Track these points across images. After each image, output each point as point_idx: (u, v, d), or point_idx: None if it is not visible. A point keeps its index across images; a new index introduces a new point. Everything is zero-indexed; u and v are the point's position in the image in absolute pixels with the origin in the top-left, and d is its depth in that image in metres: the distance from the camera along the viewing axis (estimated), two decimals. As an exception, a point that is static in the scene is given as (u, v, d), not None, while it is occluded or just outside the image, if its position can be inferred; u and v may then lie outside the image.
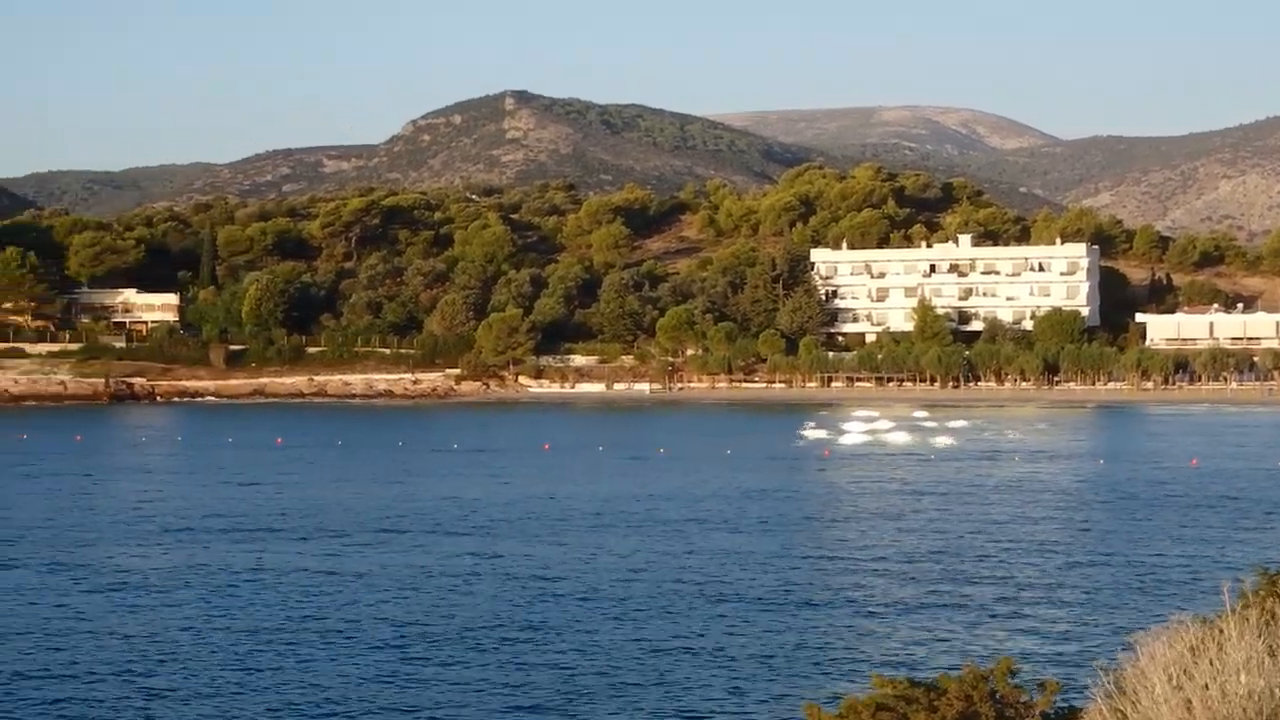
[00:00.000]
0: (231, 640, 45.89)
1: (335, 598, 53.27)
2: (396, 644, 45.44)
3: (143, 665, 42.59)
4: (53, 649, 44.76)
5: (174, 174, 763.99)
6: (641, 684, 40.76)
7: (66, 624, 48.61)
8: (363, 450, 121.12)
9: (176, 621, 49.00)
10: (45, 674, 41.53)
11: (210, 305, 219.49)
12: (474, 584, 56.25)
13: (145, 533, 70.93)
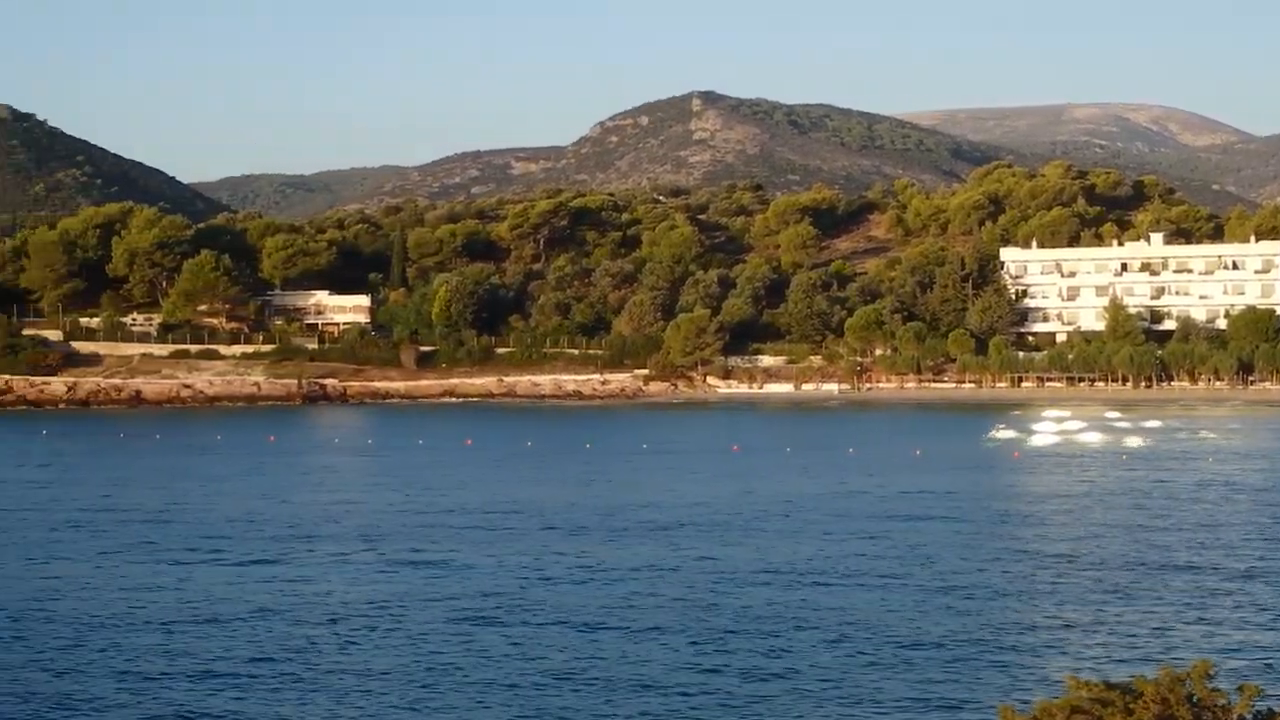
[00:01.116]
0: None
1: (543, 592, 53.46)
2: (595, 637, 45.51)
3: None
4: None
5: (364, 177, 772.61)
6: (829, 682, 40.54)
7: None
8: (552, 451, 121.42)
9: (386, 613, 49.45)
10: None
11: (401, 307, 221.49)
12: (662, 583, 56.16)
13: (339, 535, 71.62)
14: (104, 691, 40.60)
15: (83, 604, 53.39)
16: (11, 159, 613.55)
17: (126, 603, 53.41)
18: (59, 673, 42.72)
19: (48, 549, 66.91)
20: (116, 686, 41.11)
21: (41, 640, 46.89)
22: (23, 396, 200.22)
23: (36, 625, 49.50)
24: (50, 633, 48.13)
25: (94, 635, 47.69)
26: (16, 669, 43.17)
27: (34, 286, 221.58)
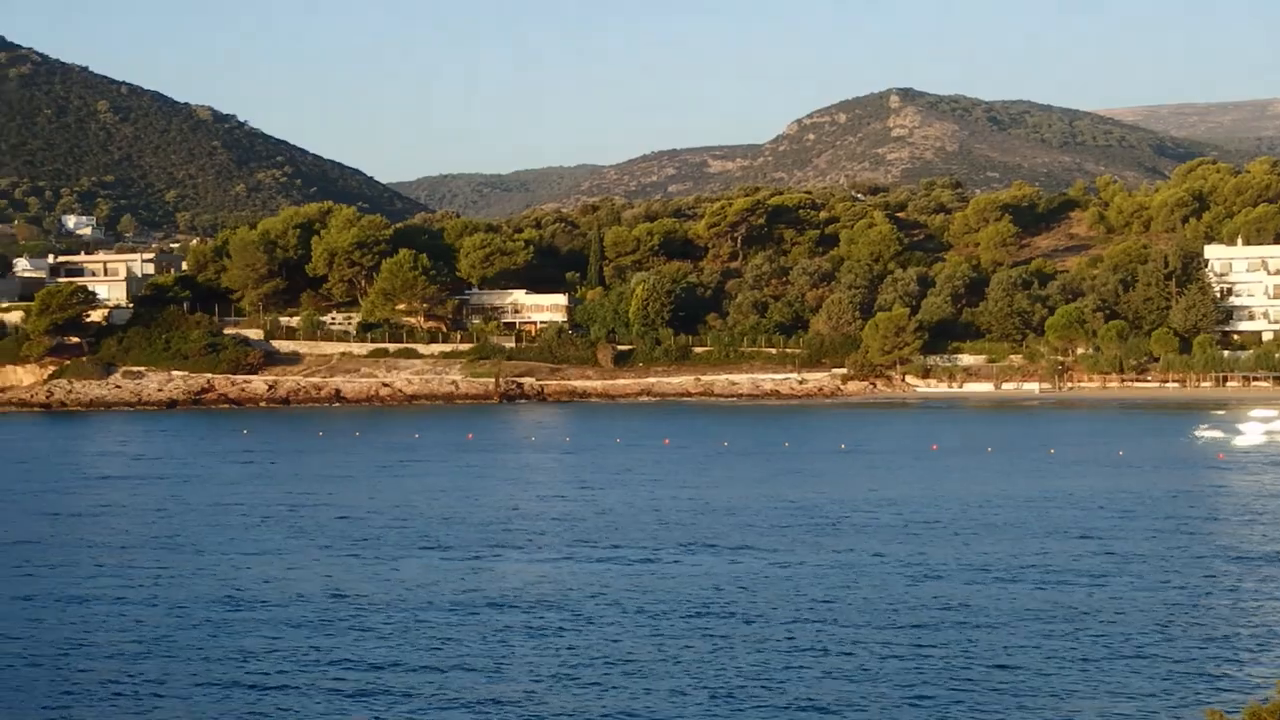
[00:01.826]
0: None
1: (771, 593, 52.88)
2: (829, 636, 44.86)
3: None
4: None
5: (561, 176, 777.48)
6: (1035, 680, 39.71)
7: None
8: (749, 451, 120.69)
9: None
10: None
11: (598, 305, 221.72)
12: (860, 581, 55.44)
13: (537, 532, 71.49)
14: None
15: (297, 597, 53.54)
16: (213, 160, 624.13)
17: (331, 593, 53.54)
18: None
19: (259, 543, 67.36)
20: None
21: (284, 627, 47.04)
22: (224, 395, 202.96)
23: (282, 621, 49.66)
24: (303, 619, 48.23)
25: (313, 626, 47.75)
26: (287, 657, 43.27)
27: (235, 286, 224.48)
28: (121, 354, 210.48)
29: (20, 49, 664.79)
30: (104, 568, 61.73)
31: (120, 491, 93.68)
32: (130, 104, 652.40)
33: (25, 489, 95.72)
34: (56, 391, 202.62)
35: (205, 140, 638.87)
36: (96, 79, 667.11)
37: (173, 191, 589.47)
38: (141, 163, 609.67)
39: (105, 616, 51.21)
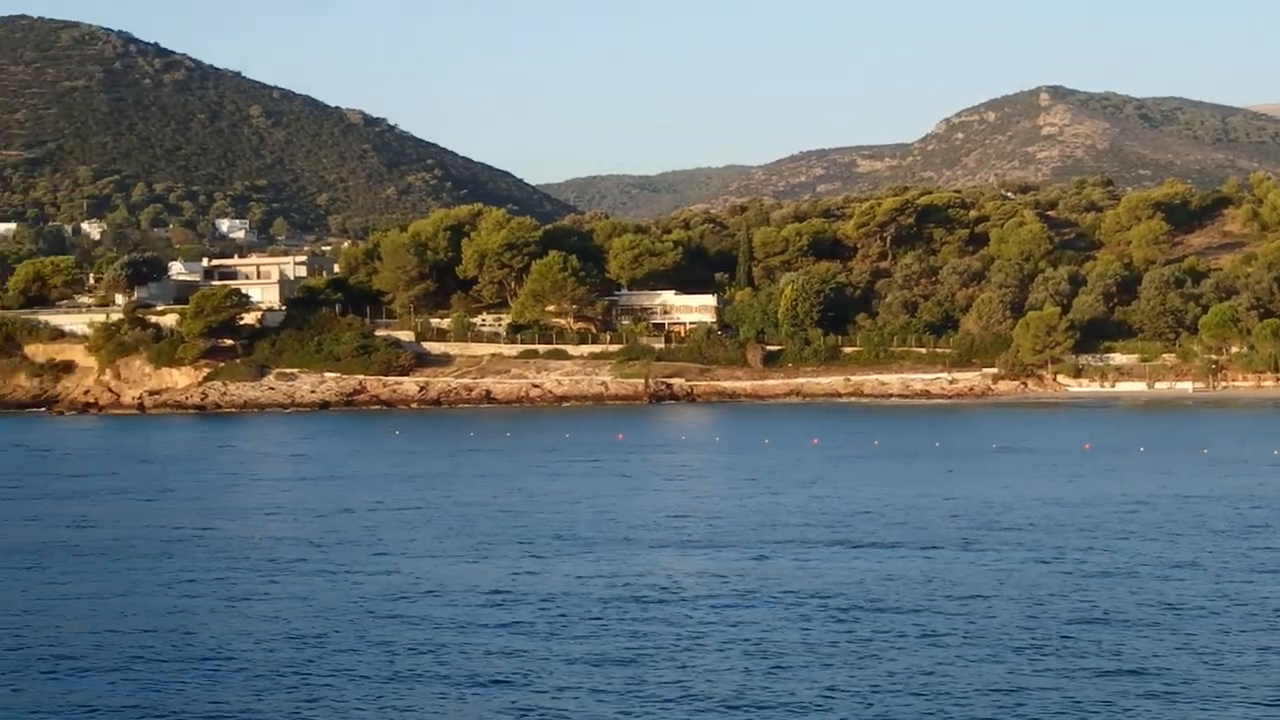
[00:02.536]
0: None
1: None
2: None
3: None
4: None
5: (709, 177, 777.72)
6: (1184, 682, 39.38)
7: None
8: (900, 451, 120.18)
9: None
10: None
11: (747, 306, 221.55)
12: (1009, 584, 55.15)
13: (686, 531, 71.63)
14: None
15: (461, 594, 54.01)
16: (364, 163, 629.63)
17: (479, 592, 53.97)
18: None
19: (419, 544, 67.96)
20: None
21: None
22: (376, 396, 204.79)
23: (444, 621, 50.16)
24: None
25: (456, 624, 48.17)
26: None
27: (386, 288, 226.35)
28: (274, 356, 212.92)
29: (174, 55, 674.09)
30: (262, 567, 62.45)
31: (276, 492, 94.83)
32: (282, 108, 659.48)
33: (185, 488, 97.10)
34: (211, 393, 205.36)
35: (356, 144, 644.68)
36: (249, 84, 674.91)
37: (324, 195, 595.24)
38: (293, 166, 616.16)
39: (267, 616, 51.80)
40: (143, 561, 64.35)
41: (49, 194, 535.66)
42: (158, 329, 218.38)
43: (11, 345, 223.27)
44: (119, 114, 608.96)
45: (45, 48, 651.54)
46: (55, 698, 40.87)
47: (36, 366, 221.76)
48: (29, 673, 43.73)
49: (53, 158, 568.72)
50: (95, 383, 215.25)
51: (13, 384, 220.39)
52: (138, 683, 42.26)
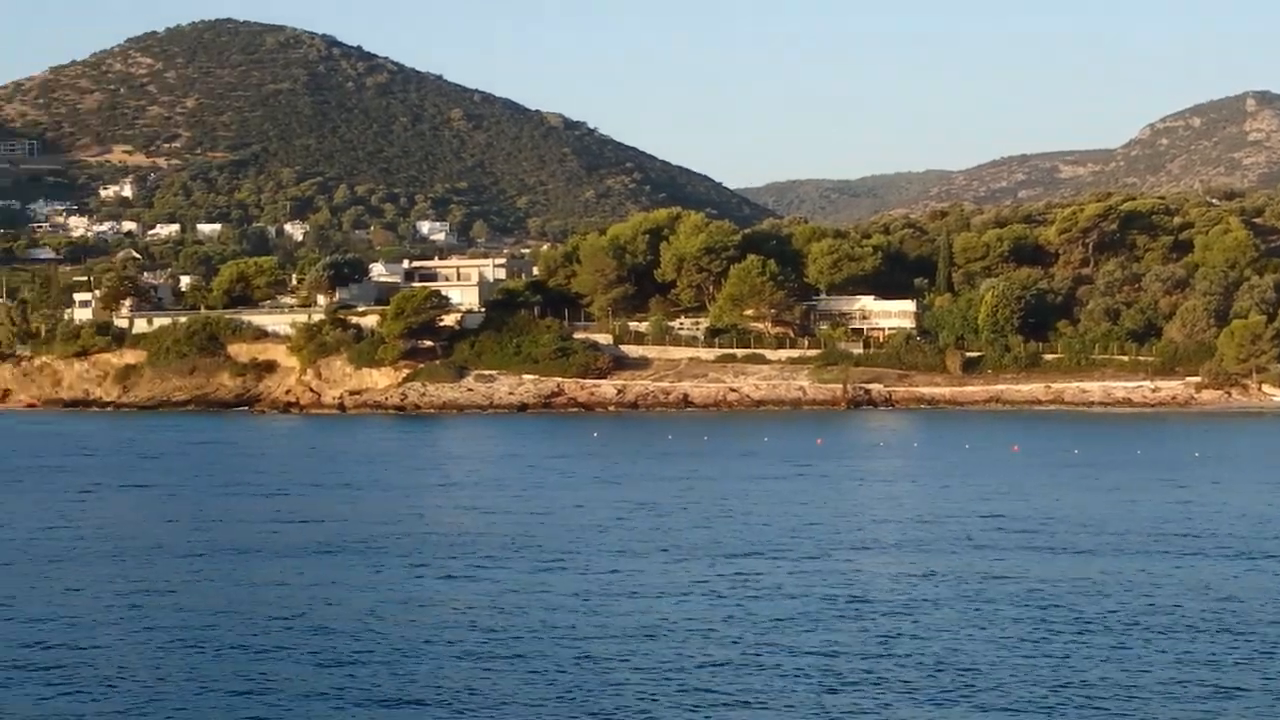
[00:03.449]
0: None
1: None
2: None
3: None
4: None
5: (909, 181, 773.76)
6: None
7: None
8: (1099, 460, 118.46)
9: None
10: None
11: (946, 312, 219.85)
12: (1204, 596, 54.08)
13: (887, 537, 71.05)
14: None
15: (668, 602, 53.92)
16: (564, 166, 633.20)
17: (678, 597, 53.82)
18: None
19: (622, 547, 67.97)
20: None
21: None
22: (574, 399, 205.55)
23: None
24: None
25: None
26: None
27: (585, 291, 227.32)
28: (474, 357, 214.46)
29: (377, 58, 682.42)
30: (461, 567, 62.71)
31: (477, 492, 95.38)
32: (483, 111, 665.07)
33: (383, 487, 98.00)
34: (410, 394, 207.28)
35: (556, 147, 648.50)
36: (450, 87, 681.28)
37: (524, 197, 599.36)
38: (493, 169, 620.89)
39: (457, 620, 51.95)
40: (355, 558, 65.00)
41: (253, 195, 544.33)
42: (358, 330, 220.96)
43: (215, 345, 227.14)
44: (322, 117, 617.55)
45: (251, 51, 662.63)
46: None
47: (239, 366, 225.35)
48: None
49: (257, 160, 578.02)
50: (297, 382, 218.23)
51: (216, 383, 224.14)
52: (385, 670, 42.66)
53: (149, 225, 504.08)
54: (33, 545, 70.58)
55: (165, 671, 43.89)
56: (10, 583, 59.53)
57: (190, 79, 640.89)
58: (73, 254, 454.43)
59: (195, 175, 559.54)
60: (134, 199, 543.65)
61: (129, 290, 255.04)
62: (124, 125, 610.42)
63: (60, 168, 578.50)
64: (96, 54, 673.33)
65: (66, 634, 49.51)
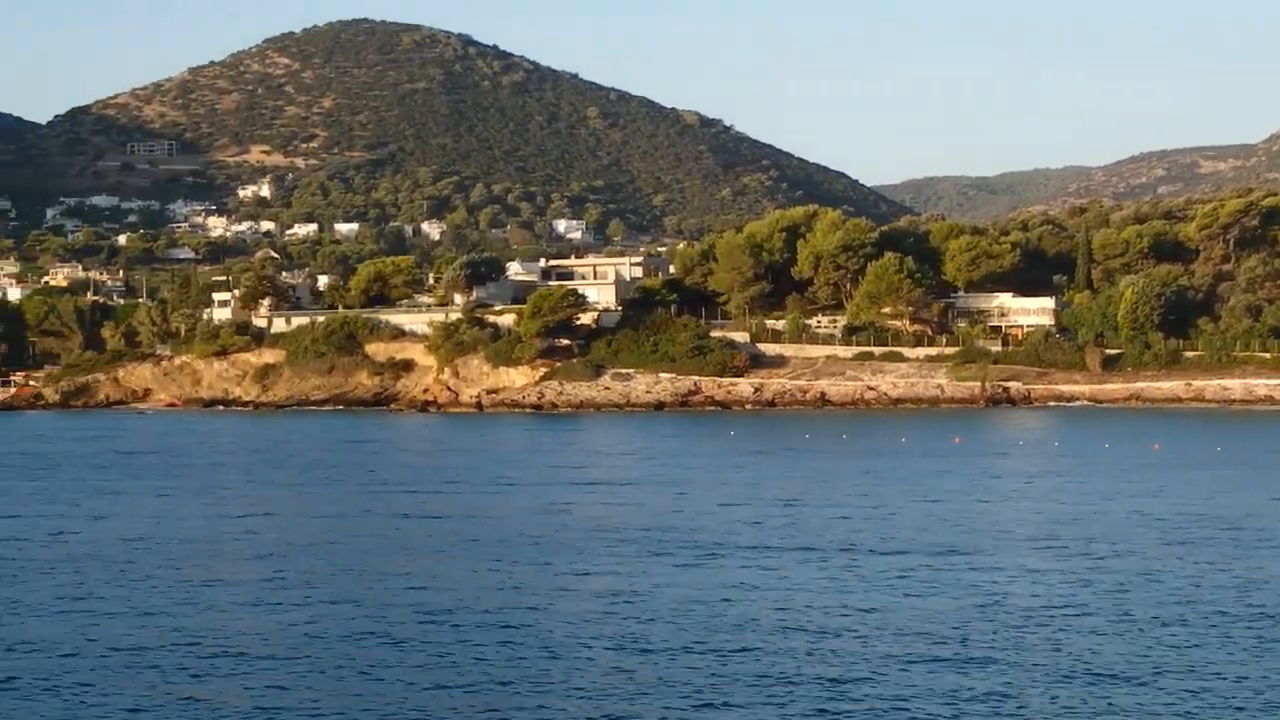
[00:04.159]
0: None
1: None
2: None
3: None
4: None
5: (1047, 178, 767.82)
6: None
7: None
8: (1244, 459, 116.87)
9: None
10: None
11: (1085, 309, 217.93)
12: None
13: (1019, 537, 70.56)
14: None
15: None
16: (700, 164, 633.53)
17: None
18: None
19: (767, 545, 67.88)
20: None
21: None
22: (711, 397, 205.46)
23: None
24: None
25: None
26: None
27: (722, 289, 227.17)
28: (610, 356, 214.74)
29: (513, 57, 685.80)
30: (593, 566, 62.87)
31: (614, 491, 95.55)
32: (619, 110, 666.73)
33: (538, 484, 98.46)
34: (547, 393, 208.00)
35: (692, 145, 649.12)
36: (586, 85, 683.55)
37: (660, 196, 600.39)
38: (629, 167, 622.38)
39: (600, 618, 52.00)
40: (527, 552, 65.37)
41: (390, 195, 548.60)
42: (495, 328, 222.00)
43: (353, 344, 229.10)
44: (458, 115, 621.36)
45: (387, 50, 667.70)
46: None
47: (377, 365, 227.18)
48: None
49: (394, 159, 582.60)
50: (434, 381, 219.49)
51: (354, 382, 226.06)
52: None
53: (287, 225, 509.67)
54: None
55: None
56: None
57: (327, 79, 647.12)
58: (211, 254, 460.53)
59: (332, 175, 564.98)
60: (272, 199, 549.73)
61: (267, 290, 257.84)
62: (261, 125, 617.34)
63: (199, 168, 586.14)
64: (234, 54, 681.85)
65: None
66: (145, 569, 63.38)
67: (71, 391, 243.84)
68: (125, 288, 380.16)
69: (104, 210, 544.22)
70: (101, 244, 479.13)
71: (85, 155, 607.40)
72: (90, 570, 63.24)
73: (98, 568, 63.93)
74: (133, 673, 43.95)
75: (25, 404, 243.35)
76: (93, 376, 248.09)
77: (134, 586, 59.01)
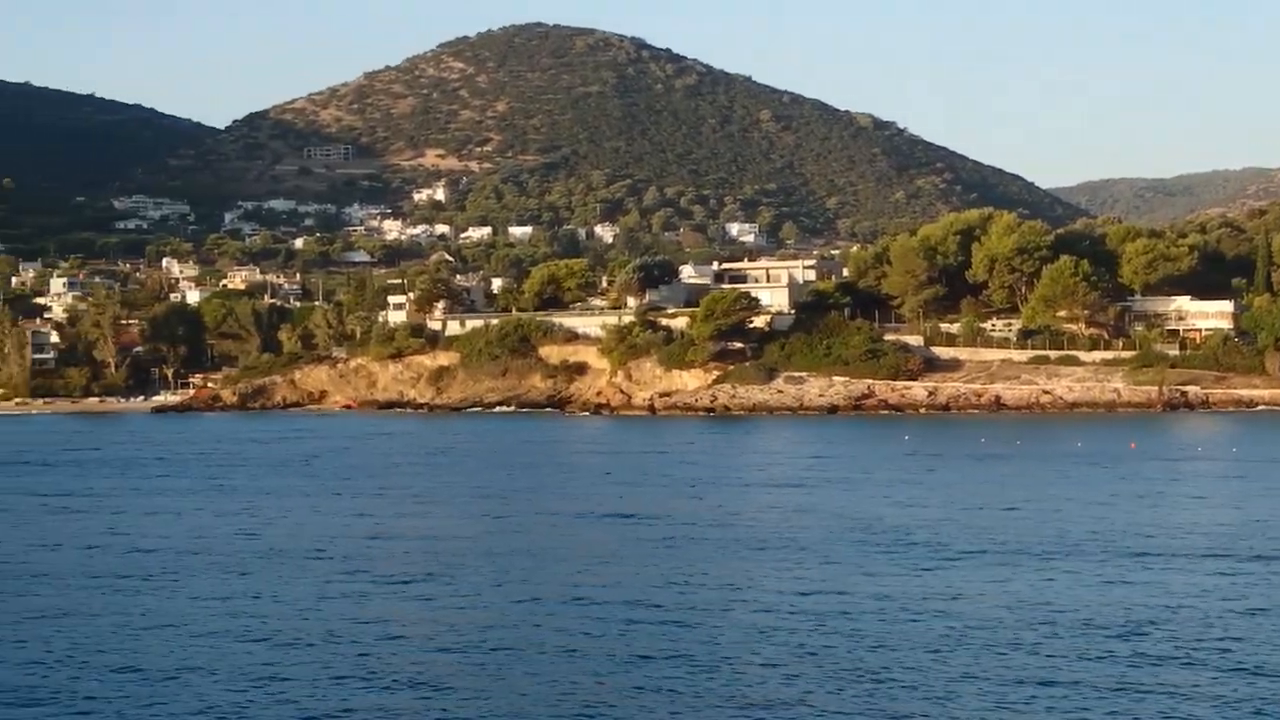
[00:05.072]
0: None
1: None
2: None
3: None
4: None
5: (1226, 179, 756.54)
6: None
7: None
8: None
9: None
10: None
11: (1265, 313, 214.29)
12: None
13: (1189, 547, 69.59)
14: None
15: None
16: (873, 167, 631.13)
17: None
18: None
19: (951, 550, 67.55)
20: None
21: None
22: (884, 400, 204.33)
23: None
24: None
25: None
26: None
27: (895, 292, 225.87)
28: (783, 359, 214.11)
29: (686, 60, 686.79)
30: (753, 567, 62.87)
31: (823, 491, 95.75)
32: (792, 113, 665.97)
33: (722, 485, 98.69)
34: (720, 396, 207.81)
35: (865, 147, 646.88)
36: (759, 88, 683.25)
37: (833, 199, 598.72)
38: (803, 170, 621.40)
39: (773, 625, 51.97)
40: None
41: (563, 198, 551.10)
42: (668, 332, 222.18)
43: (527, 346, 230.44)
44: (631, 119, 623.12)
45: (560, 54, 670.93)
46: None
47: (551, 368, 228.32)
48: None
49: (567, 163, 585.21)
50: (607, 384, 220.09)
51: (528, 384, 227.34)
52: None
53: (461, 228, 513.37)
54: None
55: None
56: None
57: (501, 83, 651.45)
58: (386, 257, 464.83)
59: (506, 178, 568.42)
60: (446, 202, 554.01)
61: (442, 293, 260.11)
62: (436, 129, 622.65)
63: (374, 172, 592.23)
64: (409, 59, 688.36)
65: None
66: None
67: (249, 393, 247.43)
68: (301, 291, 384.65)
69: (281, 214, 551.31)
70: (278, 247, 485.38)
71: (263, 160, 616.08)
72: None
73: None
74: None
75: (203, 406, 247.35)
76: (270, 379, 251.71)
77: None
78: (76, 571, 65.46)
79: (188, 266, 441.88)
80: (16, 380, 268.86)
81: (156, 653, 47.98)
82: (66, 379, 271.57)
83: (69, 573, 65.03)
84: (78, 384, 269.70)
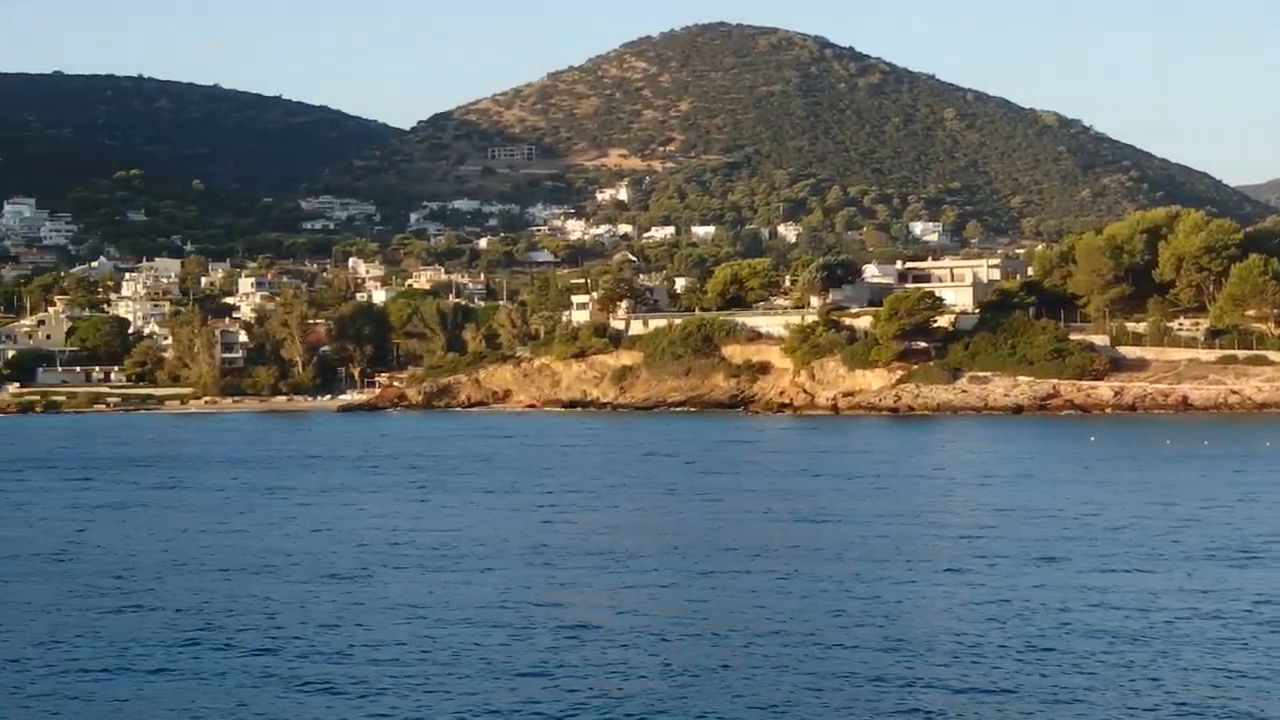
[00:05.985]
0: None
1: None
2: None
3: None
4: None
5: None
6: None
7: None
8: None
9: None
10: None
11: None
12: None
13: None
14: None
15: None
16: (1058, 165, 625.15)
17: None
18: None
19: (1127, 555, 67.15)
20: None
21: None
22: (1070, 400, 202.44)
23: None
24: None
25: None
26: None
27: (1081, 291, 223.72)
28: (968, 359, 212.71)
29: (869, 59, 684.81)
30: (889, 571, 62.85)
31: (1013, 491, 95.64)
32: (975, 111, 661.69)
33: (908, 487, 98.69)
34: (904, 396, 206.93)
35: (1050, 145, 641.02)
36: (943, 86, 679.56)
37: (1017, 197, 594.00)
38: (987, 169, 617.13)
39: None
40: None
41: (746, 197, 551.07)
42: (852, 331, 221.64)
43: (709, 346, 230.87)
44: (814, 118, 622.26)
45: (743, 54, 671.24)
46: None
47: (734, 367, 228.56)
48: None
49: (750, 162, 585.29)
50: (790, 384, 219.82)
51: (710, 384, 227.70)
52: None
53: (644, 228, 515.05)
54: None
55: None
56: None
57: (684, 82, 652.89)
58: (570, 256, 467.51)
59: (689, 178, 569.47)
60: (629, 202, 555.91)
61: (625, 292, 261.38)
62: (619, 129, 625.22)
63: (558, 172, 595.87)
64: (592, 59, 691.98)
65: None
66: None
67: (434, 392, 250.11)
68: (486, 290, 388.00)
69: (465, 214, 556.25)
70: (463, 247, 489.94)
71: (448, 160, 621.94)
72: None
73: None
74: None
75: (389, 404, 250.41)
76: (454, 378, 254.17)
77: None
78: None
79: (374, 266, 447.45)
80: (206, 379, 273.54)
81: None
82: (254, 378, 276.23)
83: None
84: (265, 383, 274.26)
